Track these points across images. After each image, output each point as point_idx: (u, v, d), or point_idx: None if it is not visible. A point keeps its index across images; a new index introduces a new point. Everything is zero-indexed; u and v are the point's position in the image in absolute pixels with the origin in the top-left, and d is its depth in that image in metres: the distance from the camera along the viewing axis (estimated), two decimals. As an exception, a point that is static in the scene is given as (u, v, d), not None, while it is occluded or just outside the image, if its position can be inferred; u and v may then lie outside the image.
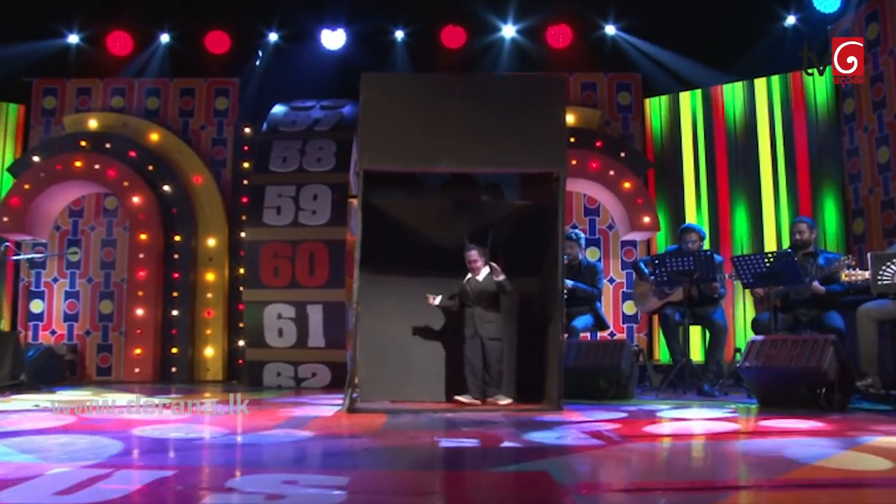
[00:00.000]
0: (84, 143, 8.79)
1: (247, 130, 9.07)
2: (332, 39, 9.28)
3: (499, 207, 5.80)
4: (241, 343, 8.33)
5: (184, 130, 9.21)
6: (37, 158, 8.72)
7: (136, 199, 8.61)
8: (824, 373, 4.66)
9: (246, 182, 8.52)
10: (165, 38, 9.39)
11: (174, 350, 8.67)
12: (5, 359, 6.53)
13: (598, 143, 8.67)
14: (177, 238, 8.79)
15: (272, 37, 9.48)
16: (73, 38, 9.37)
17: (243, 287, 7.64)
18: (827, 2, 8.16)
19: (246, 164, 8.88)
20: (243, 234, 8.01)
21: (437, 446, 3.49)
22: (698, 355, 7.57)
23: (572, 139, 8.47)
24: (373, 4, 9.27)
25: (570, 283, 6.59)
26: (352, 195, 7.31)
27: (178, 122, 9.23)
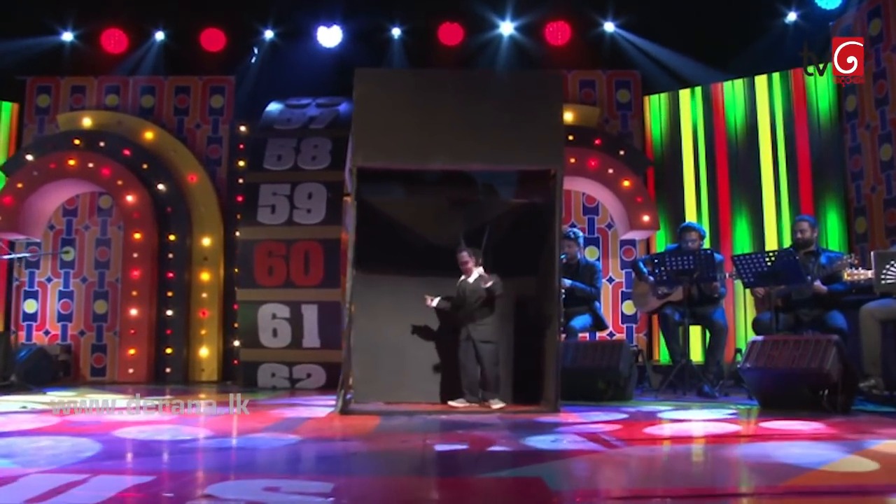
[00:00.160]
0: (78, 142, 8.70)
1: (242, 129, 8.97)
2: (328, 37, 9.19)
3: (495, 206, 5.69)
4: (236, 343, 8.24)
5: (179, 129, 9.12)
6: (30, 157, 8.63)
7: (130, 198, 8.52)
8: (827, 374, 4.57)
9: (241, 181, 8.42)
10: (160, 35, 9.30)
11: (169, 350, 8.58)
12: (-4, 359, 6.46)
13: (597, 141, 8.58)
14: (171, 237, 8.69)
15: (268, 34, 9.38)
16: (68, 36, 9.28)
17: (237, 286, 7.55)
18: (829, -2, 8.09)
19: (241, 163, 8.78)
20: (238, 233, 7.92)
21: (428, 450, 3.39)
22: (698, 356, 7.47)
23: (571, 137, 8.39)
24: (369, 1, 9.19)
25: (569, 282, 6.53)
26: (347, 193, 7.22)
27: (172, 121, 9.15)
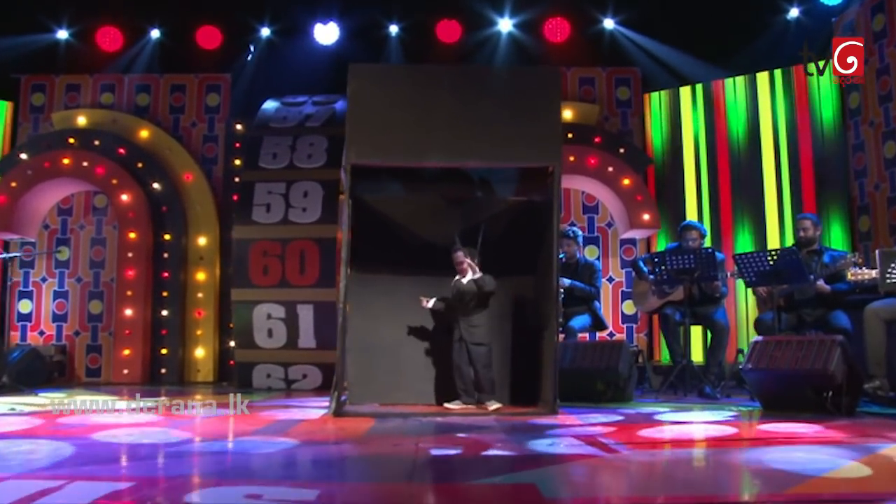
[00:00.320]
0: (72, 140, 8.61)
1: (238, 127, 8.89)
2: (324, 34, 9.11)
3: (492, 204, 5.59)
4: (232, 344, 8.15)
5: (174, 127, 9.04)
6: (24, 156, 8.54)
7: (125, 197, 8.43)
8: (831, 375, 4.46)
9: (238, 179, 8.33)
10: (156, 33, 9.23)
11: (164, 351, 8.50)
12: (-13, 360, 6.38)
13: (597, 139, 8.48)
14: (166, 237, 8.61)
15: (264, 32, 9.31)
16: (62, 34, 9.21)
17: (232, 286, 7.46)
18: (831, -6, 7.99)
19: (238, 162, 8.69)
20: (233, 232, 7.83)
21: (420, 454, 3.29)
22: (699, 356, 7.36)
23: (570, 135, 8.31)
24: (367, -2, 9.12)
25: (568, 282, 6.44)
26: (342, 191, 7.12)
27: (168, 119, 9.06)
